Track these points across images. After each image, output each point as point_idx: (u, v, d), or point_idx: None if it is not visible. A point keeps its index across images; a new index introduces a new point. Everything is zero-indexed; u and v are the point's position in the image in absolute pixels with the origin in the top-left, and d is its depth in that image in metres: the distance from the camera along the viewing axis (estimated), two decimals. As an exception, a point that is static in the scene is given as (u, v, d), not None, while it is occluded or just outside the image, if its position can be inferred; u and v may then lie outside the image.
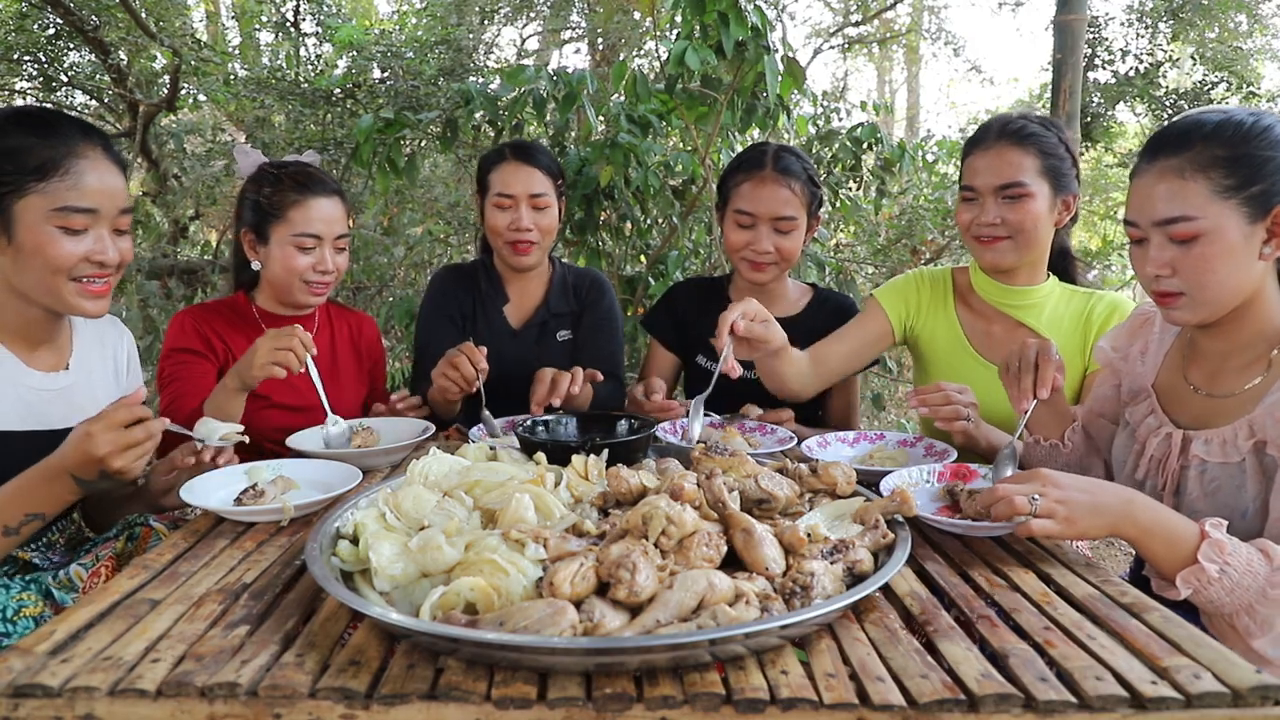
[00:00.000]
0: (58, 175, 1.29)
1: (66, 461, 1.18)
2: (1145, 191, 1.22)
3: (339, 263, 1.88)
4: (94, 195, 1.32)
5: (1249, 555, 1.04)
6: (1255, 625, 1.04)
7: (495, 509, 1.10)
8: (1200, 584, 1.03)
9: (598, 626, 0.81)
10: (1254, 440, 1.19)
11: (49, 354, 1.44)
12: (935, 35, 10.82)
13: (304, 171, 1.86)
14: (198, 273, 5.37)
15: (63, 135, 1.31)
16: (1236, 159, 1.16)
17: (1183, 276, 1.21)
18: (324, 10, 5.95)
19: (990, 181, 1.70)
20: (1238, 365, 1.26)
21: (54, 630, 0.88)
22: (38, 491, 1.20)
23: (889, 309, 1.89)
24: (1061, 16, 3.63)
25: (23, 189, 1.28)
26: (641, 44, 5.92)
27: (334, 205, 1.86)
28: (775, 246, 1.93)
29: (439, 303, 2.15)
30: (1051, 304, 1.78)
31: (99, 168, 1.33)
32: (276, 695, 0.77)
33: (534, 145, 2.11)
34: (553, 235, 2.10)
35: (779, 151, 1.98)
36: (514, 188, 2.01)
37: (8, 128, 1.30)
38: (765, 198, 1.92)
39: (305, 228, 1.81)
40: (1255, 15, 7.79)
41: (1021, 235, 1.70)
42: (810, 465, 1.21)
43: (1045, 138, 1.70)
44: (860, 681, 0.79)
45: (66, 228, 1.30)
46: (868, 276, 4.66)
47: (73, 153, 1.31)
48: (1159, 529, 1.06)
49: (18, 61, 5.55)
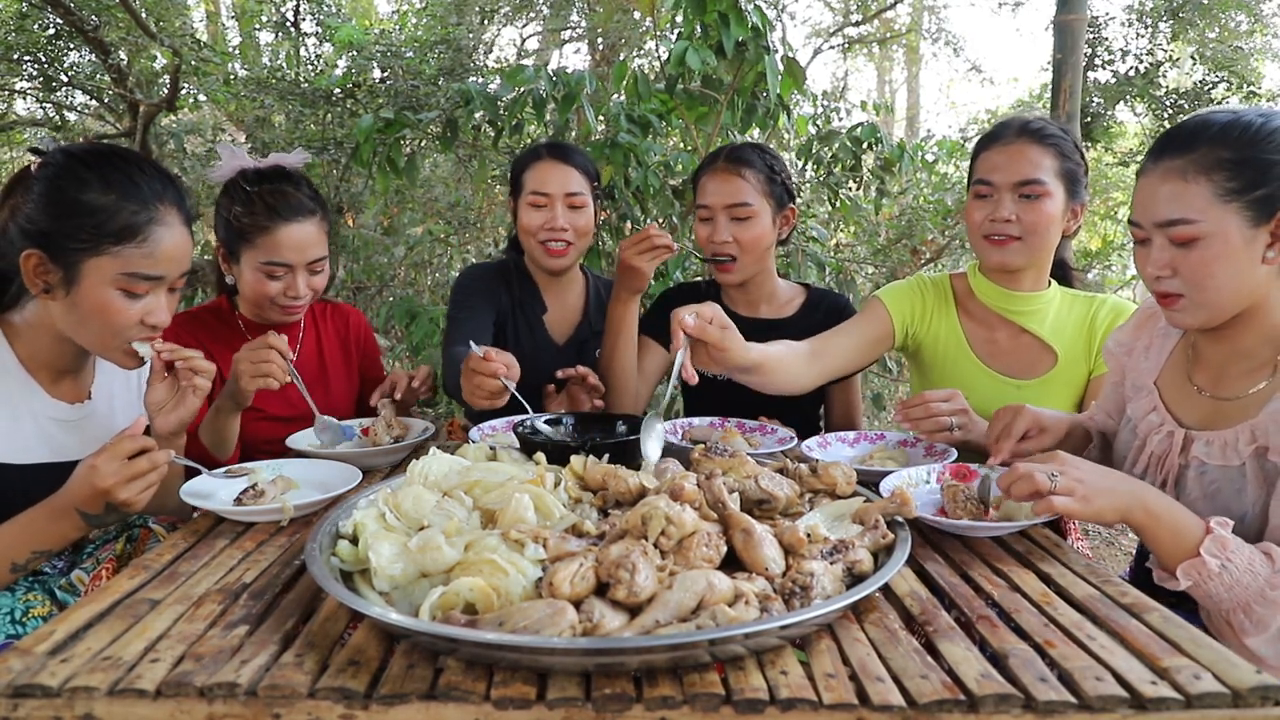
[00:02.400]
0: (135, 242, 1.25)
1: (74, 498, 1.17)
2: (1149, 192, 1.22)
3: (315, 283, 1.79)
4: (165, 263, 1.29)
5: (1251, 555, 1.05)
6: (1251, 623, 1.05)
7: (495, 509, 1.10)
8: (1200, 577, 1.04)
9: (597, 627, 0.81)
10: (1255, 445, 1.18)
11: (72, 385, 1.42)
12: (935, 35, 10.82)
13: (278, 191, 1.72)
14: (198, 273, 5.36)
15: (143, 196, 1.27)
16: (1242, 161, 1.14)
17: (1182, 279, 1.20)
18: (324, 10, 5.94)
19: (1009, 177, 1.66)
20: (1242, 370, 1.26)
21: (53, 630, 0.88)
22: (45, 529, 1.19)
23: (893, 311, 1.85)
24: (1061, 16, 3.63)
25: (97, 250, 1.24)
26: (641, 44, 5.92)
27: (307, 229, 1.73)
28: (734, 237, 1.92)
29: (476, 293, 2.06)
30: (1055, 310, 1.76)
31: (174, 233, 1.30)
32: (276, 695, 0.77)
33: (570, 145, 2.09)
34: (588, 237, 2.06)
35: (734, 147, 1.97)
36: (550, 186, 1.98)
37: (89, 180, 1.25)
38: (718, 187, 1.92)
39: (273, 256, 1.71)
40: (1255, 15, 7.79)
41: (1034, 237, 1.67)
42: (810, 465, 1.21)
43: (1063, 141, 1.68)
44: (860, 682, 0.79)
45: (130, 291, 1.27)
46: (868, 276, 4.66)
47: (153, 218, 1.27)
48: (1167, 518, 1.07)
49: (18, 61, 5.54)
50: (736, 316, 2.03)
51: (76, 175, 1.25)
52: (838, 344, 1.79)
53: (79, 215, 1.23)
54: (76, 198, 1.24)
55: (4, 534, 1.19)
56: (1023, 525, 1.17)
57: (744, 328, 2.01)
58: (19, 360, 1.34)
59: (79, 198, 1.24)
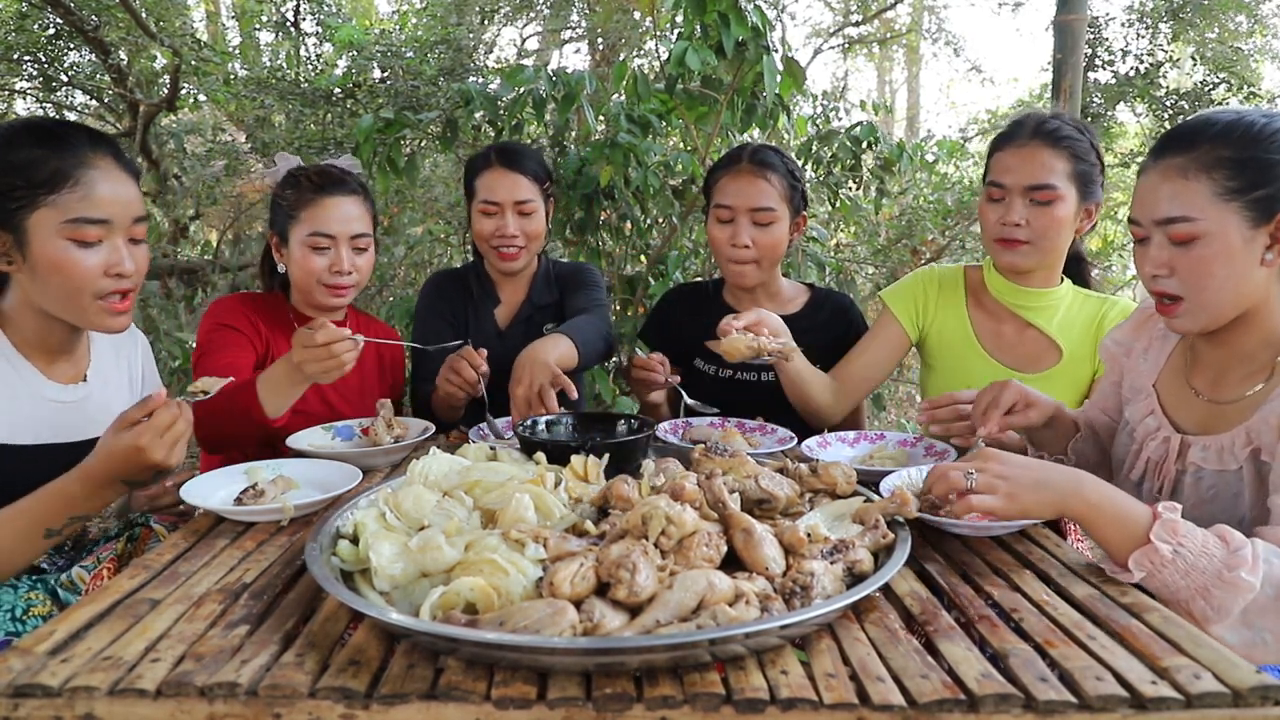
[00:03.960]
0: (68, 186, 1.27)
1: (118, 473, 1.19)
2: (1149, 189, 1.21)
3: (359, 263, 1.84)
4: (106, 205, 1.30)
5: (1205, 538, 1.00)
6: (1212, 609, 0.98)
7: (495, 509, 1.10)
8: (1154, 566, 0.99)
9: (598, 626, 0.81)
10: (1251, 447, 1.17)
11: (67, 365, 1.43)
12: (935, 35, 10.82)
13: (323, 171, 1.84)
14: (198, 272, 5.37)
15: (72, 145, 1.29)
16: (1243, 161, 1.13)
17: (1180, 278, 1.19)
18: (324, 10, 5.94)
19: (1020, 181, 1.66)
20: (1241, 373, 1.24)
21: (54, 630, 0.88)
22: (87, 499, 1.20)
23: (898, 312, 1.88)
24: (1061, 16, 3.63)
25: (34, 203, 1.25)
26: (641, 44, 5.92)
27: (350, 204, 1.83)
28: (754, 240, 1.91)
29: (434, 305, 2.16)
30: (1064, 307, 1.78)
31: (110, 177, 1.31)
32: (276, 695, 0.77)
33: (520, 149, 2.10)
34: (540, 240, 2.10)
35: (757, 148, 1.98)
36: (499, 194, 2.01)
37: (16, 140, 1.28)
38: (742, 189, 1.91)
39: (317, 226, 1.79)
40: (1255, 15, 7.79)
41: (1044, 241, 1.68)
42: (810, 465, 1.21)
43: (1079, 141, 1.67)
44: (860, 681, 0.79)
45: (80, 240, 1.28)
46: (868, 276, 4.66)
47: (82, 163, 1.28)
48: (1109, 506, 1.03)
49: (18, 61, 5.54)
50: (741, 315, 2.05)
51: (6, 139, 1.28)
52: (856, 365, 1.87)
53: (9, 174, 1.25)
54: (6, 158, 1.26)
55: (34, 505, 1.20)
56: (1023, 525, 1.17)
57: None
58: (12, 345, 1.36)
59: (7, 158, 1.26)
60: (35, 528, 1.19)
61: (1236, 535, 1.01)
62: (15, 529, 1.19)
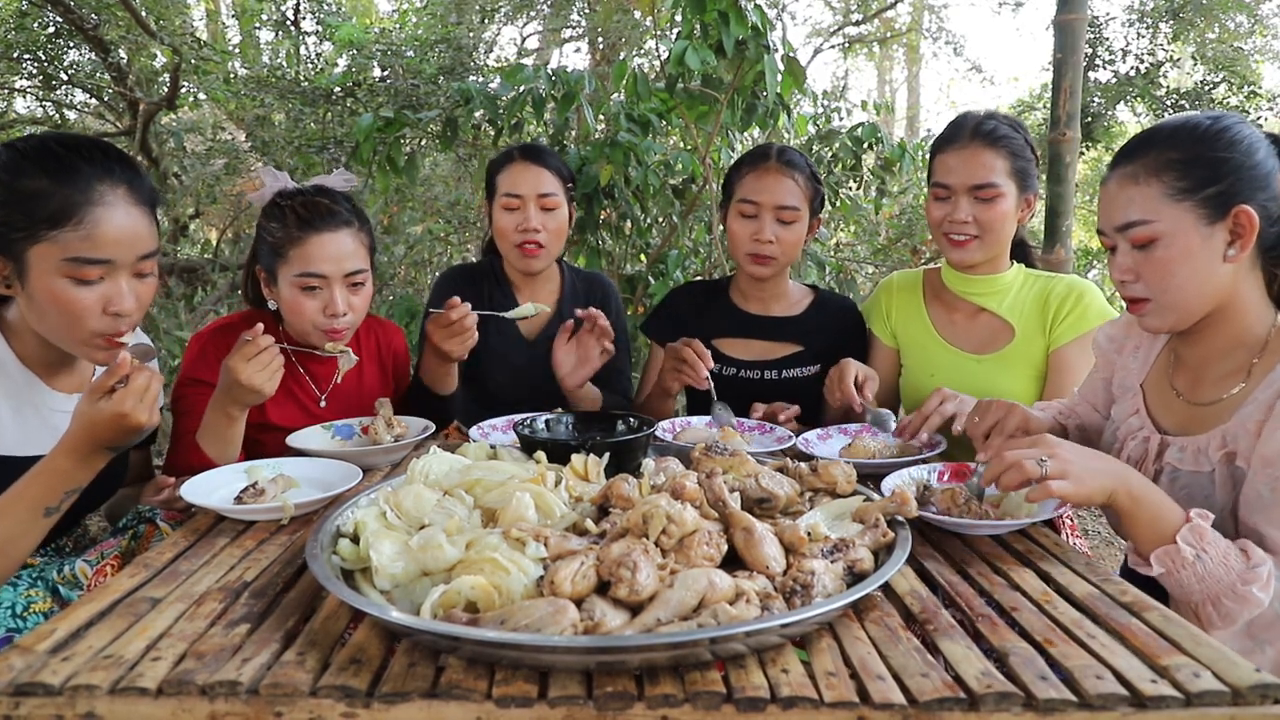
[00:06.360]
0: (70, 225, 1.22)
1: (103, 440, 1.20)
2: (1108, 199, 1.25)
3: (354, 302, 1.68)
4: (109, 246, 1.25)
5: (1227, 549, 1.05)
6: (1219, 616, 1.04)
7: (496, 508, 1.10)
8: (1174, 565, 1.04)
9: (598, 625, 0.81)
10: (1225, 451, 1.18)
11: (70, 375, 1.43)
12: (935, 35, 10.82)
13: (310, 203, 1.66)
14: (198, 271, 5.37)
15: (81, 179, 1.23)
16: (1190, 160, 1.16)
17: (1146, 281, 1.22)
18: (324, 9, 5.94)
19: (964, 181, 1.77)
20: (1218, 374, 1.26)
21: (55, 628, 0.88)
22: (77, 472, 1.21)
23: (874, 327, 2.05)
24: (1061, 16, 3.62)
25: (35, 236, 1.22)
26: (641, 43, 5.92)
27: (343, 238, 1.66)
28: (776, 237, 1.93)
29: (446, 297, 2.08)
30: (1015, 290, 1.88)
31: (117, 215, 1.25)
32: (277, 694, 0.78)
33: (543, 147, 2.10)
34: (562, 239, 2.08)
35: (784, 148, 2.03)
36: (522, 188, 1.99)
37: (25, 167, 1.23)
38: (769, 186, 1.94)
39: (307, 267, 1.63)
40: (1255, 15, 7.79)
41: (990, 234, 1.79)
42: (810, 464, 1.21)
43: (1014, 139, 1.78)
44: (861, 680, 0.79)
45: (79, 278, 1.24)
46: (868, 276, 4.67)
47: (90, 199, 1.23)
48: (1149, 502, 1.07)
49: (18, 60, 5.54)
50: (747, 314, 2.07)
51: (15, 165, 1.24)
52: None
53: (14, 204, 1.22)
54: (12, 186, 1.23)
55: (28, 488, 1.20)
56: (1023, 524, 1.17)
57: (754, 325, 2.06)
58: (16, 356, 1.35)
59: (14, 186, 1.23)
60: (35, 509, 1.20)
61: (1258, 552, 1.05)
62: (16, 514, 1.19)
